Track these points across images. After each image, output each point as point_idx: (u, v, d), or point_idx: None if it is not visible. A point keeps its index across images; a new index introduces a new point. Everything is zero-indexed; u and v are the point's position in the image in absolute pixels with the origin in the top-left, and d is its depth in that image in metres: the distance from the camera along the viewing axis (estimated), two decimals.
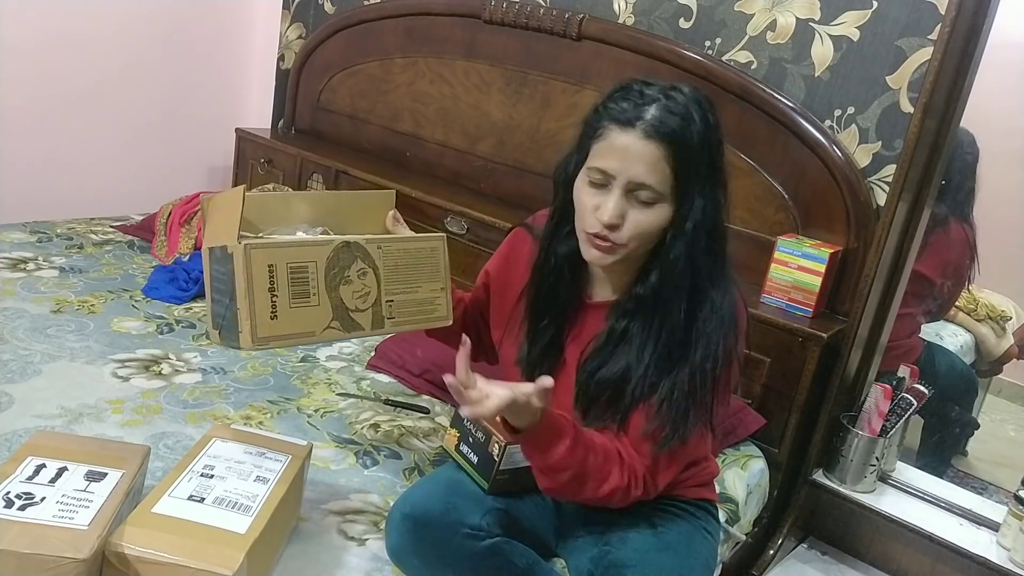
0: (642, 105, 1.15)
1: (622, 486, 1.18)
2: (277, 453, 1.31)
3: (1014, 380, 2.68)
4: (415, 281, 1.40)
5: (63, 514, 1.08)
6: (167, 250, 2.54)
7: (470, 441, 1.35)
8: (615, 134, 1.15)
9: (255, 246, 1.20)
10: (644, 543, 1.26)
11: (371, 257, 1.34)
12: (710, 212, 1.17)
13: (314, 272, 1.27)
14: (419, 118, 2.80)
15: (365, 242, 1.33)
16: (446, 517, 1.21)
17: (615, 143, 1.15)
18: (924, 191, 1.88)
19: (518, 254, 1.40)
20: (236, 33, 3.23)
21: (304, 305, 1.26)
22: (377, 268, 1.34)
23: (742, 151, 2.10)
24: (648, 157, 1.13)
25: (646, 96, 1.15)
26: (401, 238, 1.41)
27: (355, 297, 1.32)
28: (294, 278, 1.25)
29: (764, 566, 1.95)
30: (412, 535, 1.21)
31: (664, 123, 1.13)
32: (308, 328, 1.27)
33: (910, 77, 1.90)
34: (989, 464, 2.52)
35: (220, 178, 3.30)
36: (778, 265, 1.97)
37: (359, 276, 1.32)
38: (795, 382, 1.92)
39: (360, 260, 1.33)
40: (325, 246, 1.29)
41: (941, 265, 2.31)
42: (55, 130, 2.82)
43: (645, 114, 1.14)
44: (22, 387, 1.67)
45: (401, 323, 1.38)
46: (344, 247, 1.30)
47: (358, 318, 1.32)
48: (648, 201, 1.16)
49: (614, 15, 2.32)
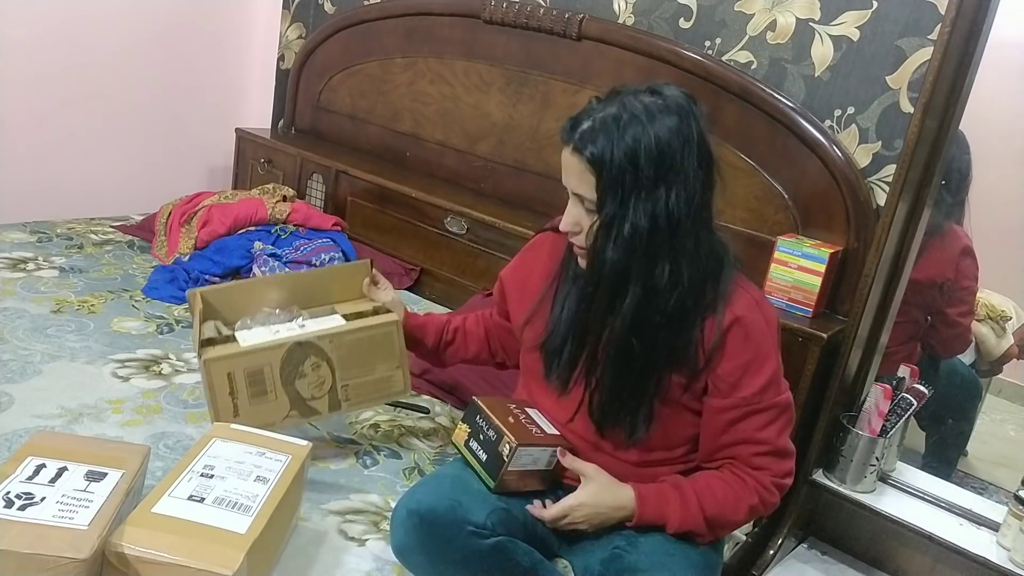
0: (581, 118, 1.23)
1: (755, 503, 1.29)
2: (277, 453, 1.31)
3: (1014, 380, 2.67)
4: (370, 364, 1.51)
5: (63, 514, 1.08)
6: (167, 250, 2.54)
7: (480, 439, 1.34)
8: (563, 149, 1.26)
9: (213, 359, 1.38)
10: (653, 546, 1.27)
11: (323, 351, 1.47)
12: (644, 216, 1.19)
13: (269, 372, 1.43)
14: (419, 118, 2.80)
15: (316, 339, 1.46)
16: (451, 515, 1.22)
17: (562, 157, 1.26)
18: (924, 191, 1.88)
19: (539, 252, 1.48)
20: (236, 33, 3.23)
21: (263, 402, 1.44)
22: (330, 359, 1.47)
23: (742, 151, 2.10)
24: (576, 169, 1.23)
25: (592, 109, 1.24)
26: (353, 328, 1.50)
27: (311, 387, 1.46)
28: (251, 380, 1.41)
29: (764, 566, 1.95)
30: (417, 532, 1.22)
31: (584, 138, 1.21)
32: (268, 420, 1.44)
33: (910, 77, 1.90)
34: (989, 464, 2.52)
35: (220, 178, 3.30)
36: (778, 265, 1.97)
37: (313, 369, 1.46)
38: (795, 382, 1.91)
39: (313, 356, 1.46)
40: (278, 349, 1.43)
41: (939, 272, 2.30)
42: (55, 130, 2.82)
43: (578, 128, 1.23)
44: (22, 387, 1.67)
45: (358, 403, 1.53)
46: (296, 347, 1.44)
47: (315, 404, 1.47)
48: (591, 209, 1.24)
49: (614, 15, 2.32)
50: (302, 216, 2.60)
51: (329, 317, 1.54)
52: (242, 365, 1.41)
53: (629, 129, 1.18)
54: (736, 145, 2.10)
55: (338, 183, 2.83)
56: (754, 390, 1.27)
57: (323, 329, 1.48)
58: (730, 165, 2.11)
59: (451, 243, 2.54)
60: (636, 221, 1.20)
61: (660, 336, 1.25)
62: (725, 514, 1.28)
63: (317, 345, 1.46)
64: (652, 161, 1.19)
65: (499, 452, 1.30)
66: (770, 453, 1.29)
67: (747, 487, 1.29)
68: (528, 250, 1.52)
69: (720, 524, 1.30)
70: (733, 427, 1.29)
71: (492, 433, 1.32)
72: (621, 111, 1.20)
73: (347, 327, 1.50)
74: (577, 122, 1.23)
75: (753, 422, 1.28)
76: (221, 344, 1.44)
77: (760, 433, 1.28)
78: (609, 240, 1.22)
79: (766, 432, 1.28)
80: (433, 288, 2.59)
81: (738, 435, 1.29)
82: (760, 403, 1.27)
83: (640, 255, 1.21)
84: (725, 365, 1.27)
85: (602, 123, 1.20)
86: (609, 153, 1.19)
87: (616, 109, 1.21)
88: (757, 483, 1.29)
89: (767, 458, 1.29)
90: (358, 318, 1.54)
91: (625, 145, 1.18)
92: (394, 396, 1.56)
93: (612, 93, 1.25)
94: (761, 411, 1.28)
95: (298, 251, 2.39)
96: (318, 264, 2.37)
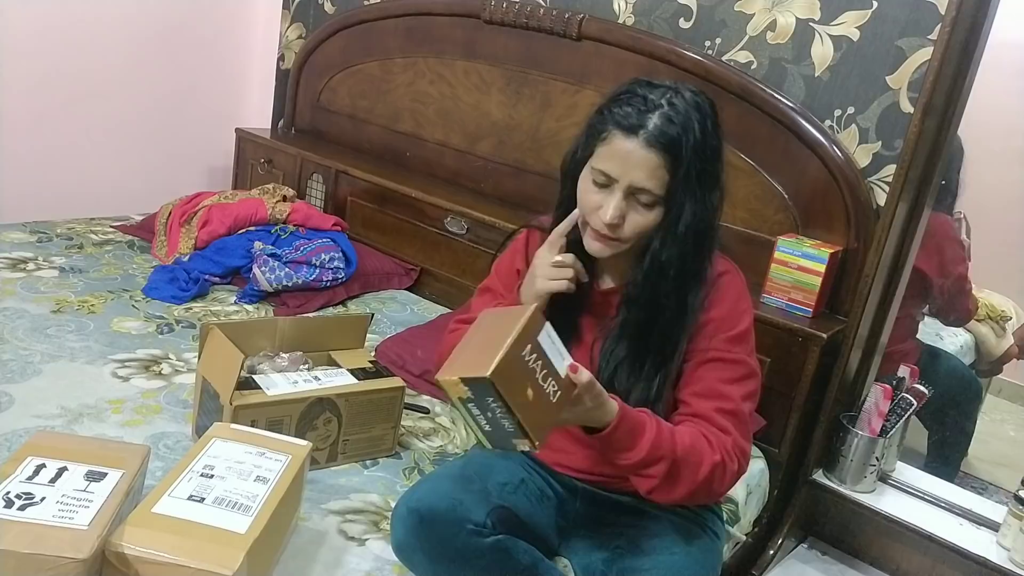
0: (646, 112, 1.20)
1: (719, 461, 1.21)
2: (277, 453, 1.31)
3: (1014, 380, 2.68)
4: (371, 423, 1.61)
5: (63, 514, 1.08)
6: (167, 250, 2.54)
7: (488, 416, 1.09)
8: (619, 139, 1.21)
9: (242, 407, 1.44)
10: (655, 546, 1.27)
11: (337, 408, 1.55)
12: (700, 215, 1.24)
13: (288, 423, 1.50)
14: (419, 118, 2.80)
15: (335, 396, 1.55)
16: (451, 513, 1.22)
17: (618, 148, 1.21)
18: (924, 191, 1.88)
19: (525, 250, 1.46)
20: (236, 33, 3.23)
21: None
22: (341, 415, 1.56)
23: (742, 151, 2.10)
24: (649, 164, 1.20)
25: (650, 102, 1.21)
26: (367, 389, 1.59)
27: (317, 440, 1.53)
28: (271, 429, 1.44)
29: (764, 566, 1.95)
30: (417, 530, 1.22)
31: (664, 133, 1.19)
32: None
33: (910, 77, 1.90)
34: (989, 464, 2.52)
35: (220, 178, 3.30)
36: (778, 265, 1.97)
37: (324, 424, 1.54)
38: (795, 382, 1.92)
39: (328, 411, 1.54)
40: (301, 402, 1.50)
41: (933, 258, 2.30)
42: (55, 130, 2.82)
43: (648, 122, 1.20)
44: (22, 387, 1.67)
45: (351, 457, 1.60)
46: (317, 401, 1.52)
47: (316, 455, 1.54)
48: (648, 204, 1.23)
49: (614, 15, 2.32)
50: (302, 216, 2.60)
51: (337, 371, 1.62)
52: (266, 414, 1.47)
53: (694, 125, 1.20)
54: (736, 145, 2.09)
55: (338, 183, 2.83)
56: (727, 336, 1.29)
57: (340, 386, 1.57)
58: (730, 165, 2.07)
59: (451, 243, 2.54)
60: (693, 219, 1.23)
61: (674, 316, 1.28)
62: (690, 461, 1.20)
63: (335, 402, 1.54)
64: (715, 157, 1.25)
65: (512, 443, 1.11)
66: (733, 414, 1.26)
67: (712, 446, 1.23)
68: (517, 246, 1.50)
69: (683, 473, 1.20)
70: (698, 372, 1.29)
71: (507, 422, 1.09)
72: (682, 105, 1.21)
73: (362, 387, 1.59)
74: (643, 114, 1.21)
75: (719, 370, 1.28)
76: (245, 389, 1.48)
77: (725, 387, 1.27)
78: (669, 236, 1.24)
79: (730, 388, 1.27)
80: (433, 288, 2.59)
81: (703, 384, 1.28)
82: (729, 353, 1.28)
83: (691, 251, 1.25)
84: (711, 313, 1.30)
85: (674, 118, 1.20)
86: (687, 150, 1.20)
87: (679, 103, 1.21)
88: (721, 444, 1.23)
89: (730, 419, 1.26)
90: (360, 371, 1.63)
91: (697, 142, 1.20)
92: (382, 454, 1.64)
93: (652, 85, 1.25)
94: (728, 362, 1.28)
95: (298, 251, 2.39)
96: (318, 264, 2.37)
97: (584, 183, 1.27)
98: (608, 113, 1.24)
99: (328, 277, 2.39)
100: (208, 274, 2.33)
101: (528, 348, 1.09)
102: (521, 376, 1.08)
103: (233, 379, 1.43)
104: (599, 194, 1.25)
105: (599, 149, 1.24)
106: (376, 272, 2.55)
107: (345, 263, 2.45)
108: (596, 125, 1.26)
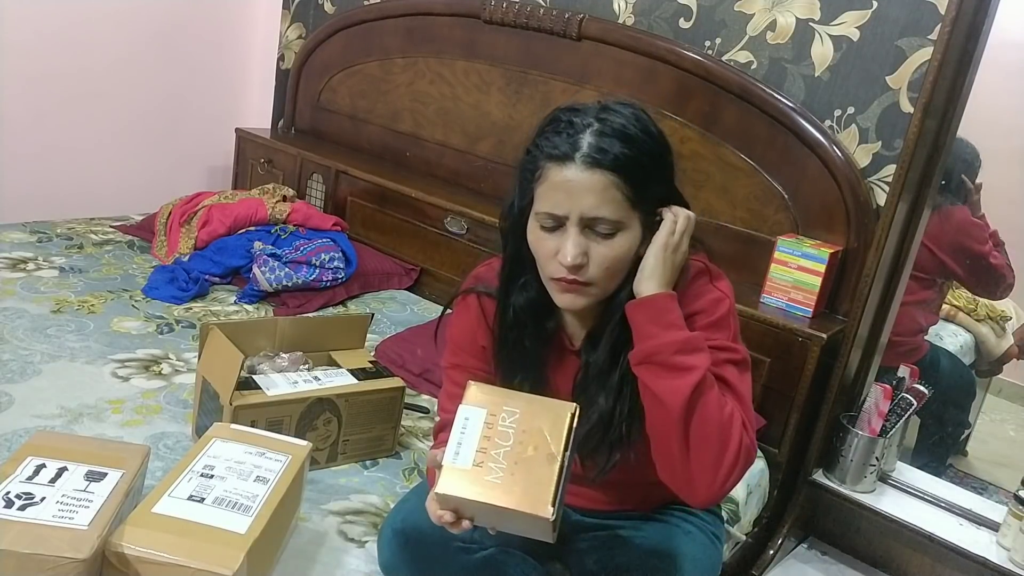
0: (575, 135, 1.08)
1: (736, 414, 1.08)
2: (277, 453, 1.31)
3: (1014, 380, 2.67)
4: (371, 423, 1.60)
5: (63, 514, 1.08)
6: (167, 250, 2.54)
7: None
8: (555, 171, 1.08)
9: (243, 406, 1.44)
10: (651, 547, 1.25)
11: (337, 408, 1.55)
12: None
13: (288, 423, 1.49)
14: (419, 118, 2.80)
15: (335, 396, 1.54)
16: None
17: (557, 181, 1.08)
18: (924, 191, 1.88)
19: (474, 322, 1.28)
20: (236, 33, 3.23)
21: None
22: (341, 416, 1.56)
23: (742, 151, 2.10)
24: (595, 187, 1.06)
25: (576, 125, 1.09)
26: (367, 390, 1.59)
27: (317, 440, 1.53)
28: (270, 429, 1.44)
29: (764, 566, 1.95)
30: (404, 551, 1.20)
31: (602, 149, 1.06)
32: None
33: (910, 77, 1.90)
34: (989, 464, 2.52)
35: (220, 178, 3.30)
36: (778, 265, 1.97)
37: (324, 424, 1.54)
38: (795, 382, 1.92)
39: (328, 411, 1.54)
40: (301, 402, 1.50)
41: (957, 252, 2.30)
42: (55, 130, 2.82)
43: (581, 144, 1.07)
44: (22, 387, 1.67)
45: (351, 457, 1.60)
46: (316, 402, 1.52)
47: (316, 455, 1.54)
48: (607, 233, 1.09)
49: (614, 15, 2.32)
50: (302, 216, 2.60)
51: (337, 371, 1.62)
52: (266, 415, 1.47)
53: (635, 133, 1.08)
54: (736, 145, 2.09)
55: (338, 183, 2.83)
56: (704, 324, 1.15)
57: (340, 386, 1.56)
58: (730, 165, 2.12)
59: (451, 243, 2.54)
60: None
61: None
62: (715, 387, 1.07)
63: (334, 402, 1.54)
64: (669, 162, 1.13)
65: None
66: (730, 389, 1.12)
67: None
68: (463, 319, 1.29)
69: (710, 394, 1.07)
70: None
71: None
72: (614, 118, 1.08)
73: (361, 387, 1.59)
74: (573, 137, 1.07)
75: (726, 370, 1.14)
76: (245, 389, 1.48)
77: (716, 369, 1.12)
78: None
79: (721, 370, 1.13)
80: (433, 288, 2.59)
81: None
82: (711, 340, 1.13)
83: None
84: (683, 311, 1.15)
85: (608, 132, 1.07)
86: (633, 162, 1.07)
87: (609, 117, 1.09)
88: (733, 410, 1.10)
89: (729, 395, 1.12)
90: (360, 372, 1.63)
91: (644, 151, 1.08)
92: (381, 455, 1.64)
93: (575, 110, 1.12)
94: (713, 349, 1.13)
95: (298, 251, 2.39)
96: (318, 264, 2.37)
97: (533, 234, 1.13)
98: (536, 150, 1.11)
99: (328, 277, 2.39)
100: (208, 274, 2.33)
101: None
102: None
103: (233, 379, 1.43)
104: (551, 238, 1.10)
105: (538, 191, 1.11)
106: (376, 272, 2.55)
107: (345, 263, 2.45)
108: (527, 166, 1.13)
